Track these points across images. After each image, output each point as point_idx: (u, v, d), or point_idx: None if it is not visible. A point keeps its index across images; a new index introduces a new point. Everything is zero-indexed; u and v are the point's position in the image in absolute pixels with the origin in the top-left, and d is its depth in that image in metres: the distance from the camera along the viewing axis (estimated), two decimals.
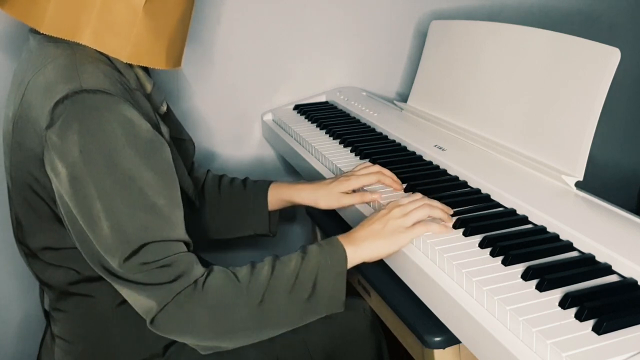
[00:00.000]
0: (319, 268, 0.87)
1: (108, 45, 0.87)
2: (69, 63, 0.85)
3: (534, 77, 1.11)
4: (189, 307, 0.82)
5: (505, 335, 0.69)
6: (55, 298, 0.98)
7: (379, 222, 0.91)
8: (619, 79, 0.99)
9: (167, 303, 0.81)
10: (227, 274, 0.85)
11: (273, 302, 0.85)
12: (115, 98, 0.82)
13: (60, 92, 0.81)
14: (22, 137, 0.87)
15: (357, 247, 0.90)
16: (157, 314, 0.82)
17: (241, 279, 0.85)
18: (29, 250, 0.95)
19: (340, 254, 0.89)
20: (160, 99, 1.02)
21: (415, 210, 0.91)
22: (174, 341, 0.99)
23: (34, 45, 0.91)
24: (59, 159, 0.81)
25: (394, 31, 1.71)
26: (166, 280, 0.82)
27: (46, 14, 0.85)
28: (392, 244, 0.89)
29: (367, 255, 0.90)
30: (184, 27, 0.94)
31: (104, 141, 0.80)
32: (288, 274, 0.86)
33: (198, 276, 0.83)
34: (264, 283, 0.85)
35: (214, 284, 0.83)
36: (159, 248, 0.82)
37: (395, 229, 0.89)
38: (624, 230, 0.84)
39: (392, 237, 0.89)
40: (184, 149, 1.14)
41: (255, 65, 1.59)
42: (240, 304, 0.84)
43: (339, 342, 1.11)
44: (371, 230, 0.91)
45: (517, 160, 1.09)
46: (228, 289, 0.84)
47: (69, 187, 0.81)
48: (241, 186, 1.20)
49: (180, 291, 0.82)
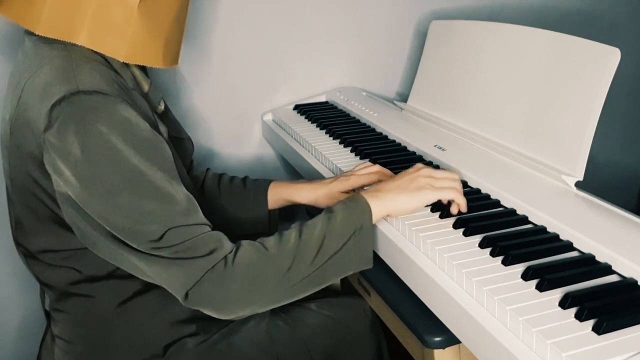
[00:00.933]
0: (344, 226, 0.88)
1: (104, 45, 0.87)
2: (64, 64, 0.85)
3: (534, 77, 1.11)
4: (221, 283, 0.83)
5: (505, 335, 0.69)
6: (55, 298, 0.98)
7: (406, 179, 0.94)
8: (619, 79, 0.99)
9: (200, 278, 0.82)
10: (256, 246, 0.86)
11: (301, 267, 0.86)
12: (112, 98, 0.82)
13: (56, 93, 0.81)
14: (20, 139, 0.87)
15: (380, 201, 0.91)
16: (190, 288, 0.83)
17: (270, 249, 0.86)
18: (28, 252, 0.95)
19: (365, 209, 0.90)
20: (157, 98, 1.02)
21: (443, 179, 0.94)
22: (174, 341, 1.00)
23: (29, 46, 0.91)
24: (61, 161, 0.81)
25: (394, 31, 1.71)
26: (197, 255, 0.82)
27: (42, 15, 0.85)
28: (417, 200, 0.92)
29: (391, 208, 0.92)
30: (180, 25, 0.94)
31: (103, 141, 0.80)
32: (316, 237, 0.87)
33: (227, 252, 0.84)
34: (292, 249, 0.86)
35: (243, 259, 0.84)
36: (182, 232, 0.83)
37: (423, 185, 0.92)
38: (624, 230, 0.84)
39: (418, 193, 0.92)
40: (183, 148, 1.14)
41: (255, 65, 1.59)
42: (269, 274, 0.85)
43: (339, 342, 1.11)
44: (398, 184, 0.93)
45: (517, 160, 1.09)
46: (257, 262, 0.85)
47: (78, 186, 0.81)
48: (241, 185, 1.20)
49: (211, 267, 0.83)
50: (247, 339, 1.04)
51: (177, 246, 0.82)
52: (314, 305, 1.14)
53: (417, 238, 0.89)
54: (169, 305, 0.98)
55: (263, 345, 1.04)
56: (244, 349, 1.03)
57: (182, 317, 1.00)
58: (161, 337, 0.98)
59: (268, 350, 1.04)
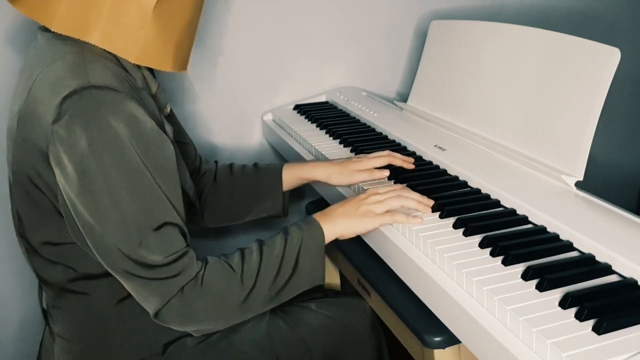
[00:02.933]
0: (300, 247, 0.93)
1: (116, 45, 0.87)
2: (77, 60, 0.86)
3: (534, 77, 1.11)
4: (191, 300, 0.86)
5: (505, 335, 0.69)
6: (53, 296, 0.98)
7: (354, 204, 0.98)
8: (619, 79, 0.99)
9: (172, 297, 0.85)
10: (222, 264, 0.89)
11: (263, 285, 0.91)
12: (122, 95, 0.83)
13: (68, 87, 0.82)
14: (27, 131, 0.87)
15: (332, 224, 0.97)
16: (161, 308, 0.85)
17: (235, 268, 0.89)
18: (29, 246, 0.95)
19: (319, 231, 0.96)
20: (164, 100, 1.03)
21: (388, 200, 0.97)
22: (173, 340, 1.00)
23: (42, 42, 0.92)
24: (66, 153, 0.81)
25: (394, 31, 1.71)
26: (172, 274, 0.85)
27: (57, 13, 0.86)
28: (361, 226, 0.97)
29: (340, 232, 0.97)
30: (192, 31, 0.95)
31: (111, 135, 0.81)
32: (275, 257, 0.92)
33: (198, 270, 0.87)
34: (255, 269, 0.90)
35: (212, 277, 0.88)
36: (166, 235, 0.85)
37: (366, 213, 0.97)
38: (624, 230, 0.84)
39: (361, 220, 0.97)
40: (186, 152, 1.15)
41: (256, 66, 1.59)
42: (236, 291, 0.89)
43: (339, 342, 1.11)
44: (345, 210, 0.98)
45: (517, 160, 1.09)
46: (225, 280, 0.88)
47: (76, 180, 0.82)
48: (253, 170, 1.23)
49: (183, 285, 0.85)
50: (246, 339, 1.04)
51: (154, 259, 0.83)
52: (314, 305, 1.14)
53: (417, 238, 0.89)
54: None
55: (263, 345, 1.04)
56: (244, 349, 1.03)
57: None
58: (160, 336, 0.99)
59: (268, 350, 1.04)
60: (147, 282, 0.84)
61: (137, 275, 0.84)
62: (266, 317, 1.09)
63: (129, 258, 0.83)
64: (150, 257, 0.83)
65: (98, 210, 0.82)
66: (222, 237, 1.66)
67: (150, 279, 0.84)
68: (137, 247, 0.83)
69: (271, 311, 1.11)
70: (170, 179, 0.87)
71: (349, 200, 1.00)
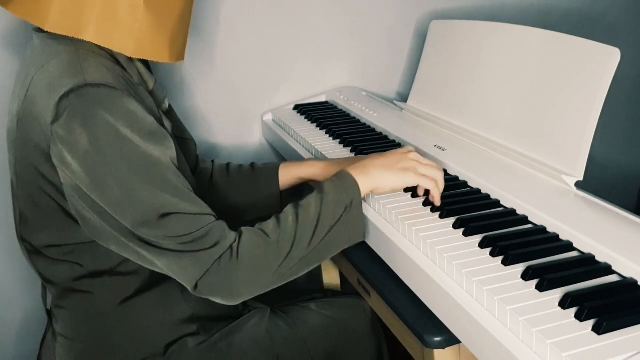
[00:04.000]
0: (336, 205, 0.91)
1: (111, 41, 0.87)
2: (72, 59, 0.86)
3: (534, 77, 1.11)
4: (228, 272, 0.85)
5: (505, 335, 0.69)
6: (57, 295, 0.98)
7: (394, 157, 0.98)
8: (619, 79, 0.99)
9: (208, 269, 0.84)
10: (257, 233, 0.88)
11: (301, 248, 0.89)
12: (118, 92, 0.83)
13: (64, 86, 0.82)
14: (26, 132, 0.87)
15: (367, 177, 0.95)
16: (199, 279, 0.85)
17: (270, 235, 0.88)
18: (32, 248, 0.95)
19: (353, 185, 0.94)
20: (162, 96, 1.03)
21: (430, 167, 0.97)
22: (174, 340, 1.00)
23: (37, 43, 0.93)
24: (68, 152, 0.82)
25: (394, 31, 1.71)
26: (205, 247, 0.84)
27: (50, 12, 0.86)
28: (400, 179, 0.96)
29: (375, 185, 0.95)
30: (186, 21, 0.95)
31: (111, 132, 0.81)
32: (311, 218, 0.90)
33: (232, 241, 0.86)
34: (291, 234, 0.89)
35: (247, 247, 0.87)
36: (189, 222, 0.84)
37: (408, 168, 0.96)
38: (624, 230, 0.84)
39: (402, 173, 0.95)
40: (186, 148, 1.15)
41: (256, 65, 1.59)
42: (273, 259, 0.88)
43: (339, 342, 1.11)
44: (384, 162, 0.97)
45: (517, 160, 1.09)
46: (261, 249, 0.87)
47: (85, 177, 0.82)
48: (250, 169, 1.23)
49: (218, 257, 0.85)
50: (247, 339, 1.04)
51: (184, 237, 0.84)
52: (314, 305, 1.14)
53: (417, 238, 0.89)
54: (170, 304, 0.99)
55: (263, 345, 1.04)
56: (245, 349, 1.03)
57: (183, 316, 1.00)
58: (162, 336, 0.99)
59: (268, 350, 1.04)
60: (179, 255, 0.84)
61: (167, 248, 0.84)
62: (266, 317, 1.09)
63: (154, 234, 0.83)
64: (175, 232, 0.83)
65: (113, 202, 0.82)
66: None
67: (182, 252, 0.84)
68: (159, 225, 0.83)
69: (271, 311, 1.12)
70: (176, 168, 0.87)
71: (388, 153, 0.98)
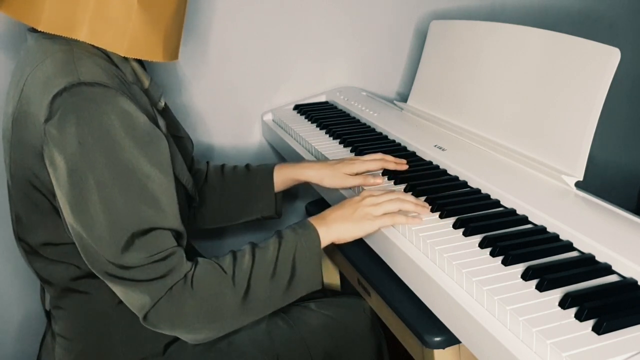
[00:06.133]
0: (295, 251, 0.91)
1: (105, 40, 0.87)
2: (66, 58, 0.85)
3: (534, 77, 1.11)
4: (180, 301, 0.84)
5: (505, 335, 0.69)
6: (56, 296, 0.98)
7: (350, 207, 0.96)
8: (619, 79, 0.99)
9: (160, 298, 0.83)
10: (213, 265, 0.88)
11: (257, 288, 0.88)
12: (112, 91, 0.83)
13: (58, 85, 0.82)
14: (21, 132, 0.87)
15: (328, 228, 0.94)
16: (150, 309, 0.83)
17: (226, 269, 0.87)
18: (29, 247, 0.95)
19: (314, 235, 0.93)
20: (157, 94, 1.03)
21: (386, 203, 0.95)
22: (174, 340, 1.00)
23: (31, 43, 0.92)
24: (58, 152, 0.81)
25: (394, 31, 1.71)
26: (159, 275, 0.83)
27: (43, 12, 0.86)
28: (359, 229, 0.95)
29: (336, 237, 0.95)
30: (179, 19, 0.95)
31: (102, 133, 0.81)
32: (268, 260, 0.90)
33: (187, 270, 0.85)
34: (247, 271, 0.88)
35: (202, 277, 0.86)
36: (153, 238, 0.83)
37: (364, 216, 0.94)
38: (624, 230, 0.84)
39: (359, 223, 0.94)
40: (182, 147, 1.14)
41: (255, 65, 1.59)
42: (227, 293, 0.86)
43: (339, 342, 1.11)
44: (342, 213, 0.96)
45: (517, 160, 1.09)
46: (216, 281, 0.86)
47: (66, 179, 0.81)
48: (245, 171, 1.22)
49: (172, 286, 0.83)
50: (247, 339, 1.04)
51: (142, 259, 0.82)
52: (314, 305, 1.14)
53: (417, 238, 0.89)
54: None
55: (263, 345, 1.04)
56: (244, 349, 1.03)
57: None
58: (161, 336, 0.98)
59: (268, 349, 1.04)
60: (133, 284, 0.83)
61: (121, 277, 0.82)
62: (266, 317, 1.09)
63: (112, 262, 0.82)
64: (134, 259, 0.82)
65: (86, 211, 0.81)
66: (215, 239, 1.65)
67: (136, 281, 0.82)
68: (122, 250, 0.81)
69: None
70: (165, 174, 0.86)
71: (345, 203, 0.98)
